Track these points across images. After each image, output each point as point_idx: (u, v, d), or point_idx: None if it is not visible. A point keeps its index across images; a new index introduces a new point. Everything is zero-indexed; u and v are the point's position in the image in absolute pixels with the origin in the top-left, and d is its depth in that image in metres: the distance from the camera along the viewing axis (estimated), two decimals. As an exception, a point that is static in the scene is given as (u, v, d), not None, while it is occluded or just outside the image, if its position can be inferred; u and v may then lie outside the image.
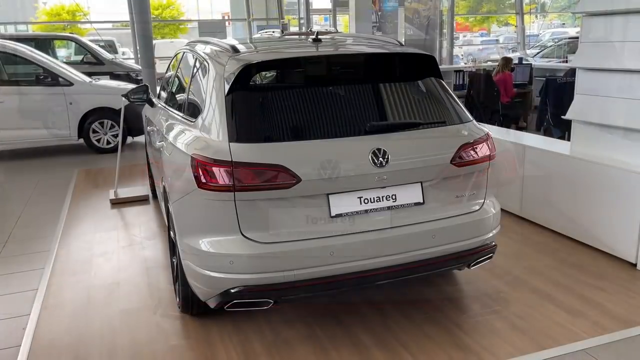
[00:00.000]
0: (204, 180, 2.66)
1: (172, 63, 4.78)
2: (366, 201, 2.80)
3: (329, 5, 16.59)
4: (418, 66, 3.27)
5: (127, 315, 3.41)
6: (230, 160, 2.62)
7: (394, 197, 2.85)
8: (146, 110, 5.31)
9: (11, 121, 7.89)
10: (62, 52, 13.86)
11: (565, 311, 3.33)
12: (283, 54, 3.32)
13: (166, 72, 4.99)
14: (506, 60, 8.09)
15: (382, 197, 2.82)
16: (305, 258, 2.69)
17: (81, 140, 8.37)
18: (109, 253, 4.43)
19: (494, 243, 3.18)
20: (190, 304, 3.22)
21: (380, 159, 2.76)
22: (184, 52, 4.20)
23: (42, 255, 4.43)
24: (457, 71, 8.66)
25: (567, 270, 3.90)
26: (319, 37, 3.32)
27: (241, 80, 2.83)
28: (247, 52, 3.11)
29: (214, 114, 2.87)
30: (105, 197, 5.93)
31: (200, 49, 3.60)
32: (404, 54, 3.32)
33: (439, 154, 2.95)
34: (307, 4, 14.88)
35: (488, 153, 3.09)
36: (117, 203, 5.75)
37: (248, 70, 2.87)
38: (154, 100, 4.85)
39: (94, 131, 8.31)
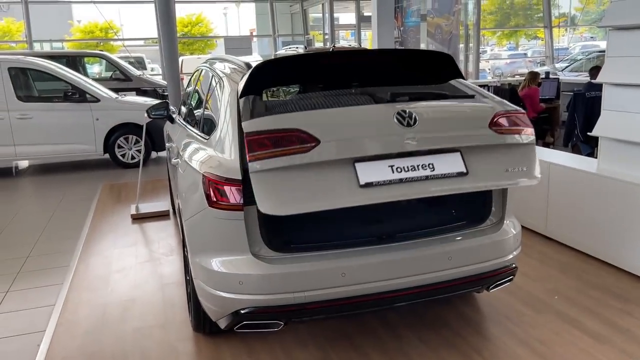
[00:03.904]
0: (214, 199, 2.63)
1: (191, 79, 4.81)
2: (399, 170, 2.55)
3: (354, 21, 16.65)
4: (436, 66, 3.16)
5: (140, 334, 3.39)
6: (240, 179, 2.59)
7: (431, 166, 2.60)
8: (167, 126, 5.35)
9: (39, 136, 8.08)
10: (94, 69, 14.19)
11: (590, 337, 3.18)
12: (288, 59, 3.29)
13: (186, 88, 5.03)
14: (533, 75, 7.94)
15: (418, 165, 2.58)
16: (316, 277, 2.63)
17: (106, 155, 8.50)
18: (127, 269, 4.44)
19: (514, 265, 3.06)
20: (203, 323, 3.18)
21: (407, 119, 2.60)
22: (202, 69, 4.22)
23: (61, 270, 4.47)
24: (482, 86, 8.52)
25: (593, 292, 3.74)
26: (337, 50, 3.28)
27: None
28: None
29: (226, 132, 2.84)
30: (127, 212, 5.98)
31: (217, 66, 3.61)
32: (417, 51, 3.26)
33: (473, 118, 2.80)
34: (332, 19, 14.95)
35: (528, 124, 2.88)
36: (138, 218, 5.79)
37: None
38: (174, 116, 4.88)
39: (119, 146, 8.44)
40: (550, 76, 9.28)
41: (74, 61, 12.34)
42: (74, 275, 4.35)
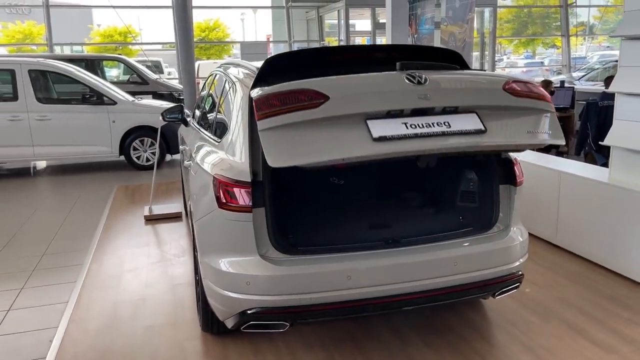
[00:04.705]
0: (224, 201, 2.68)
1: (205, 83, 4.89)
2: (413, 126, 2.45)
3: (369, 28, 16.71)
4: (445, 60, 3.14)
5: (149, 332, 3.45)
6: (250, 181, 2.64)
7: (447, 123, 2.50)
8: (181, 129, 5.44)
9: (57, 137, 8.22)
10: (112, 72, 14.40)
11: (597, 346, 3.17)
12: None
13: (200, 92, 5.11)
14: (545, 83, 7.91)
15: (433, 123, 2.48)
16: (322, 279, 2.66)
17: (122, 157, 8.63)
18: (139, 269, 4.52)
19: (520, 272, 3.07)
20: (211, 323, 3.23)
21: (418, 78, 2.55)
22: (216, 74, 4.29)
23: (75, 269, 4.56)
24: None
25: (601, 302, 3.73)
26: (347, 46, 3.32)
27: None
28: None
29: (238, 135, 2.90)
30: (140, 213, 6.07)
31: (230, 71, 3.67)
32: (424, 47, 3.25)
33: (486, 82, 2.79)
34: (347, 25, 15.03)
35: (544, 93, 2.80)
36: (151, 219, 5.88)
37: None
38: (188, 119, 4.97)
39: (135, 149, 8.56)
40: (566, 85, 9.23)
41: (93, 64, 12.53)
42: (87, 273, 4.43)
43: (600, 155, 6.77)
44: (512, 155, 3.13)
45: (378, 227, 3.09)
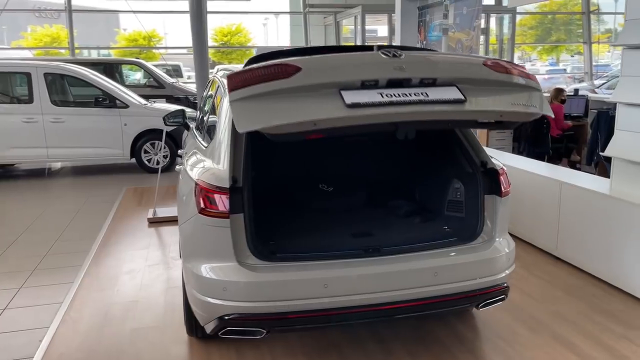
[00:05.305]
0: (202, 206, 2.70)
1: (206, 89, 4.93)
2: (389, 95, 2.37)
3: (386, 33, 16.67)
4: None
5: (136, 335, 3.48)
6: (228, 187, 2.65)
7: (424, 94, 2.41)
8: (185, 133, 5.50)
9: (70, 139, 8.36)
10: (131, 76, 14.61)
11: (585, 362, 3.11)
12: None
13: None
14: (557, 91, 7.79)
15: (410, 93, 2.40)
16: (298, 287, 2.66)
17: (133, 160, 8.74)
18: (136, 271, 4.56)
19: (505, 284, 3.01)
20: (195, 328, 3.24)
21: (393, 52, 2.47)
22: (213, 79, 4.32)
23: (74, 270, 4.62)
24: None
25: (597, 317, 3.64)
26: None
27: None
28: None
29: (221, 141, 2.92)
30: (145, 216, 6.13)
31: (222, 75, 3.69)
32: (408, 47, 3.19)
33: (465, 59, 2.72)
34: (364, 31, 15.02)
35: (527, 71, 2.70)
36: (155, 222, 5.94)
37: None
38: (190, 124, 5.01)
39: (146, 151, 8.67)
40: (580, 93, 9.08)
41: (111, 68, 12.73)
42: (85, 274, 4.49)
43: (610, 166, 6.62)
44: (499, 165, 3.09)
45: (359, 235, 3.08)
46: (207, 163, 2.98)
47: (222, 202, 2.66)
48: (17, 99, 8.57)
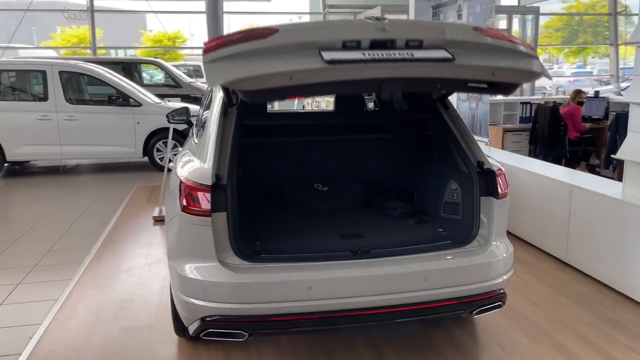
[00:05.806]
0: (185, 204, 2.63)
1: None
2: (372, 55, 2.24)
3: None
4: None
5: (126, 334, 3.44)
6: (210, 184, 2.58)
7: (410, 54, 2.29)
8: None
9: (84, 137, 8.43)
10: (150, 75, 14.72)
11: (587, 374, 2.95)
12: None
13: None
14: (576, 92, 7.56)
15: (395, 53, 2.27)
16: (280, 289, 2.57)
17: (145, 158, 8.77)
18: (134, 269, 4.53)
19: (502, 290, 2.88)
20: (182, 328, 3.17)
21: (376, 17, 2.36)
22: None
23: (74, 266, 4.61)
24: (524, 103, 8.20)
25: (602, 326, 3.48)
26: None
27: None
28: None
29: (207, 139, 2.86)
30: (151, 214, 6.11)
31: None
32: None
33: (454, 25, 2.63)
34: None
35: (519, 39, 2.60)
36: (160, 220, 5.91)
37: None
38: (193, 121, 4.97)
39: (158, 150, 8.68)
40: (600, 95, 8.81)
41: (130, 68, 12.83)
42: (84, 272, 4.47)
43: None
44: (496, 165, 2.96)
45: (349, 237, 2.98)
46: (194, 161, 2.92)
47: (204, 200, 2.59)
48: (32, 97, 8.66)
